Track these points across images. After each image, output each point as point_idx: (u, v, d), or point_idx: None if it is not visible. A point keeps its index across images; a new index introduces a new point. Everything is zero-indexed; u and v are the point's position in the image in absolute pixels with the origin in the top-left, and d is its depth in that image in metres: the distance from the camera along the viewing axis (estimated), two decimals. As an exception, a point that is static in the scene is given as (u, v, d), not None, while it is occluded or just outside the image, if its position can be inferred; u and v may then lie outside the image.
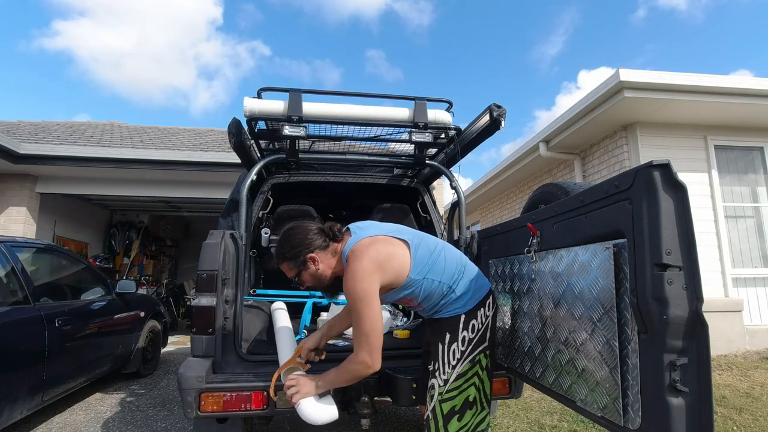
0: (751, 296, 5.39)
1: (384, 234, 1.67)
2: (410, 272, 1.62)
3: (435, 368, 1.63)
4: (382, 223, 1.79)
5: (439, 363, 1.62)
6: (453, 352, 1.61)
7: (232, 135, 2.49)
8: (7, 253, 3.16)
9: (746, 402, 3.47)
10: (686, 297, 0.96)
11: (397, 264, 1.60)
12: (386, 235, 1.66)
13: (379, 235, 1.66)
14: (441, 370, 1.62)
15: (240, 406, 1.87)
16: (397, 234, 1.68)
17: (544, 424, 3.18)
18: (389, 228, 1.72)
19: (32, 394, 2.96)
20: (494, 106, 2.39)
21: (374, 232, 1.67)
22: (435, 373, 1.63)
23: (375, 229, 1.70)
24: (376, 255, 1.55)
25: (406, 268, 1.61)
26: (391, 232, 1.68)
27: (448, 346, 1.62)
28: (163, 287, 9.43)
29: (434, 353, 1.65)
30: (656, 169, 1.00)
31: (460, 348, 1.62)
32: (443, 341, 1.63)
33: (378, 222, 1.82)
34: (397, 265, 1.60)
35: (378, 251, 1.57)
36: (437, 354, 1.63)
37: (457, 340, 1.62)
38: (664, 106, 5.09)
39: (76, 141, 7.32)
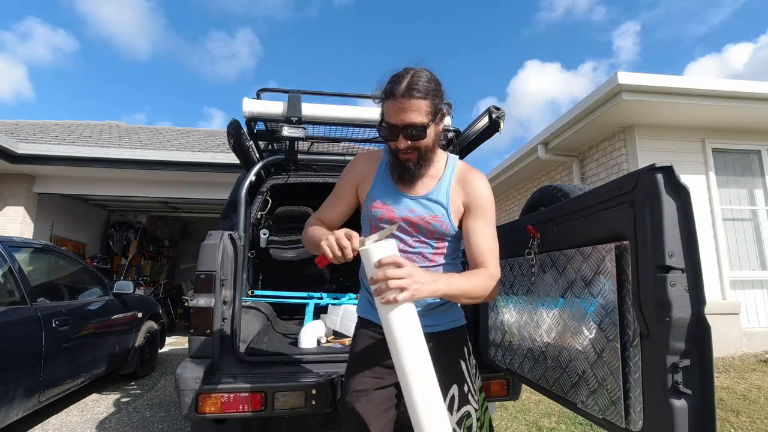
0: (749, 299, 5.40)
1: None
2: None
3: (465, 392, 1.33)
4: None
5: (468, 384, 1.35)
6: (473, 365, 1.40)
7: (231, 136, 2.48)
8: (5, 253, 3.14)
9: (744, 404, 3.48)
10: (689, 299, 0.96)
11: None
12: None
13: None
14: (473, 390, 1.36)
15: (238, 407, 1.86)
16: None
17: (543, 426, 3.17)
18: None
19: (28, 395, 2.95)
20: (493, 107, 2.39)
21: None
22: (467, 398, 1.33)
23: None
24: None
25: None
26: None
27: (469, 360, 1.39)
28: (160, 288, 9.40)
29: (455, 376, 1.33)
30: (659, 172, 1.00)
31: (473, 361, 1.42)
32: (463, 357, 1.37)
33: None
34: None
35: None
36: (462, 375, 1.34)
37: (471, 352, 1.42)
38: (663, 108, 5.10)
39: (74, 141, 7.31)
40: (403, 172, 1.32)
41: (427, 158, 1.30)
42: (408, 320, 1.05)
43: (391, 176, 1.36)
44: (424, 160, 1.29)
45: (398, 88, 1.19)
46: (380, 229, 1.31)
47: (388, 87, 1.22)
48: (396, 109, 1.20)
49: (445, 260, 1.36)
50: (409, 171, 1.30)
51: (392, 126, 1.23)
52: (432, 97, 1.21)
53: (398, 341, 1.05)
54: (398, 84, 1.19)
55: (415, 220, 1.33)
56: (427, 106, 1.21)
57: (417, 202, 1.34)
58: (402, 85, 1.18)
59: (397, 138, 1.24)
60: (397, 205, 1.36)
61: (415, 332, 1.06)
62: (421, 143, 1.25)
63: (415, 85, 1.18)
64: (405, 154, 1.26)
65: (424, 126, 1.21)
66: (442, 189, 1.34)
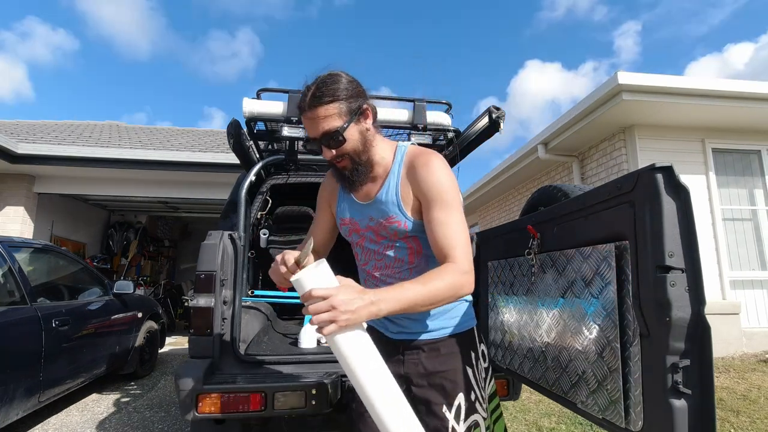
0: (749, 299, 5.40)
1: None
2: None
3: (472, 400, 1.25)
4: None
5: (476, 392, 1.26)
6: (481, 371, 1.31)
7: (231, 136, 2.48)
8: (5, 253, 3.14)
9: (743, 404, 3.48)
10: (689, 299, 0.96)
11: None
12: None
13: None
14: (481, 398, 1.28)
15: (238, 407, 1.86)
16: None
17: (542, 426, 3.17)
18: None
19: (28, 395, 2.95)
20: (493, 107, 2.40)
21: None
22: (475, 407, 1.25)
23: None
24: (445, 160, 1.24)
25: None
26: None
27: (477, 367, 1.29)
28: (160, 288, 9.41)
29: (461, 385, 1.24)
30: (659, 172, 1.00)
31: (484, 365, 1.33)
32: (470, 363, 1.27)
33: None
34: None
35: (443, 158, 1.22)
36: (469, 383, 1.25)
37: (479, 356, 1.32)
38: (663, 108, 5.10)
39: (74, 141, 7.31)
40: (344, 182, 1.27)
41: (364, 161, 1.22)
42: (354, 347, 0.99)
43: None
44: (360, 163, 1.21)
45: (305, 101, 1.16)
46: (363, 247, 1.31)
47: (298, 104, 1.19)
48: (309, 123, 1.17)
49: (430, 251, 1.21)
50: (348, 179, 1.24)
51: (313, 140, 1.19)
52: (343, 98, 1.15)
53: (352, 371, 0.99)
54: (304, 97, 1.16)
55: (376, 228, 1.27)
56: (337, 109, 1.14)
57: (371, 207, 1.28)
58: (307, 97, 1.15)
59: (322, 150, 1.20)
60: (358, 217, 1.31)
61: (365, 357, 0.99)
62: (347, 148, 1.18)
63: (319, 92, 1.14)
64: (338, 162, 1.21)
65: (340, 130, 1.15)
66: (391, 186, 1.25)
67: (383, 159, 1.26)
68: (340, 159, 1.20)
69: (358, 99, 1.18)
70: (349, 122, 1.16)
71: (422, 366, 1.25)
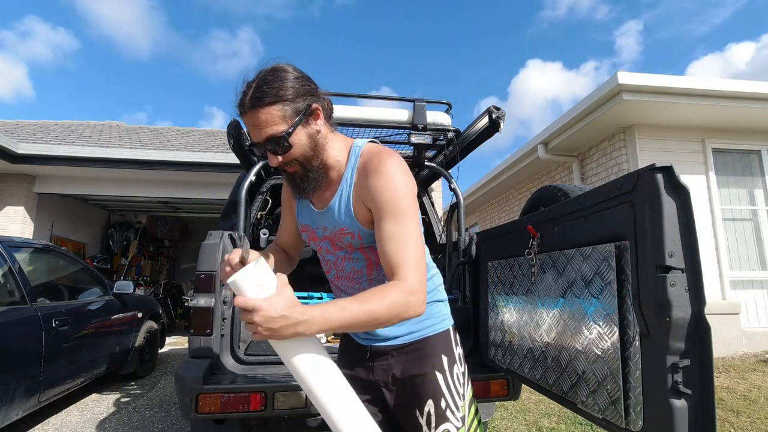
0: (749, 299, 5.40)
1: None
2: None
3: (443, 408, 1.15)
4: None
5: (446, 399, 1.15)
6: (457, 377, 1.19)
7: (231, 136, 2.49)
8: (5, 253, 3.14)
9: (744, 404, 3.48)
10: (689, 299, 0.96)
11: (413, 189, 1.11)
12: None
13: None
14: (453, 406, 1.16)
15: (238, 407, 1.86)
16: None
17: (542, 426, 3.17)
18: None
19: (28, 394, 2.95)
20: (493, 107, 2.40)
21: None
22: (446, 415, 1.15)
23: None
24: (403, 162, 1.10)
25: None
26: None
27: (450, 372, 1.18)
28: (160, 288, 9.41)
29: (429, 390, 1.15)
30: (659, 172, 1.00)
31: (461, 369, 1.22)
32: (441, 368, 1.17)
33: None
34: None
35: (401, 159, 1.10)
36: (438, 389, 1.15)
37: (455, 360, 1.21)
38: (663, 109, 5.10)
39: (74, 141, 7.31)
40: (294, 189, 1.14)
41: (316, 166, 1.09)
42: (294, 353, 0.94)
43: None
44: (311, 169, 1.09)
45: (244, 102, 1.02)
46: (323, 256, 1.23)
47: (237, 103, 1.06)
48: (249, 127, 1.04)
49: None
50: (298, 186, 1.12)
51: (257, 144, 1.06)
52: (289, 98, 1.01)
53: (300, 377, 0.95)
54: (244, 96, 1.03)
55: (331, 238, 1.17)
56: (281, 111, 1.00)
57: (324, 217, 1.17)
58: (246, 98, 1.02)
59: (267, 155, 1.07)
60: (314, 225, 1.22)
61: (306, 363, 0.95)
62: (294, 154, 1.05)
63: (259, 92, 1.00)
64: (287, 168, 1.09)
65: (285, 135, 1.01)
66: (343, 194, 1.12)
67: (338, 162, 1.13)
68: (288, 165, 1.08)
69: (306, 98, 1.04)
70: (295, 125, 1.02)
71: (392, 372, 1.18)
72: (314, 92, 1.07)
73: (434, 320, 1.20)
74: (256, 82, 1.02)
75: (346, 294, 1.21)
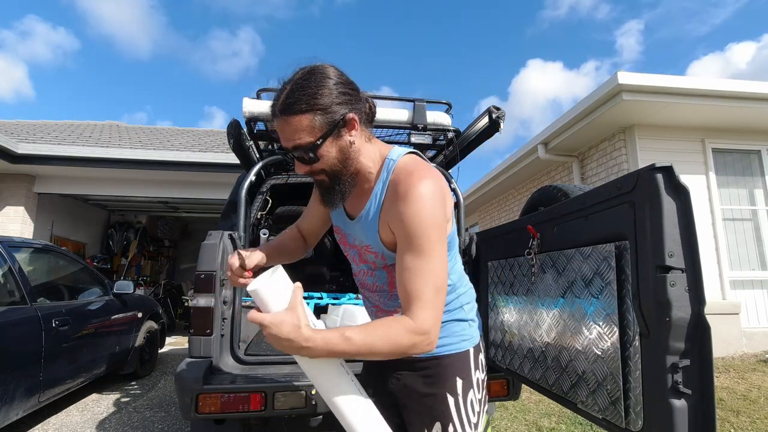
0: (749, 299, 5.40)
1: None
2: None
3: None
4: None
5: (455, 425, 1.07)
6: (471, 404, 1.11)
7: (231, 136, 2.48)
8: (5, 253, 3.14)
9: (744, 404, 3.48)
10: (689, 299, 0.96)
11: (449, 210, 1.06)
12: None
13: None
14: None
15: (238, 407, 1.86)
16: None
17: (542, 426, 3.17)
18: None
19: (28, 394, 2.95)
20: (493, 107, 2.40)
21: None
22: None
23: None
24: (441, 181, 1.02)
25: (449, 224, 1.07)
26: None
27: (464, 397, 1.09)
28: (160, 288, 9.41)
29: (438, 412, 1.08)
30: (659, 172, 1.00)
31: (477, 396, 1.12)
32: (454, 391, 1.09)
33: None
34: (449, 213, 1.06)
35: (440, 177, 1.02)
36: (446, 412, 1.08)
37: (472, 386, 1.12)
38: (663, 109, 5.10)
39: (74, 141, 7.32)
40: (321, 196, 1.09)
41: (344, 179, 1.03)
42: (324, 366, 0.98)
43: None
44: (338, 182, 1.03)
45: (275, 105, 0.98)
46: (351, 261, 1.22)
47: (271, 103, 1.01)
48: (279, 130, 0.99)
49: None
50: (324, 196, 1.08)
51: (285, 149, 1.01)
52: (321, 108, 0.94)
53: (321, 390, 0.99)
54: (276, 100, 0.98)
55: (359, 249, 1.15)
56: (311, 121, 0.94)
57: (354, 227, 1.13)
58: (278, 101, 0.97)
59: (294, 162, 1.03)
60: (347, 230, 1.18)
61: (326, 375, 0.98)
62: (321, 165, 1.00)
63: (291, 98, 0.95)
64: (316, 176, 1.04)
65: (311, 148, 0.96)
66: (371, 211, 1.06)
67: (370, 174, 1.07)
68: (315, 174, 1.04)
69: (342, 107, 0.97)
70: (324, 137, 0.96)
71: (406, 386, 1.12)
72: (352, 100, 0.99)
73: (452, 339, 1.11)
74: (291, 85, 0.97)
75: (368, 301, 1.23)
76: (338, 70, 1.01)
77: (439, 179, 1.00)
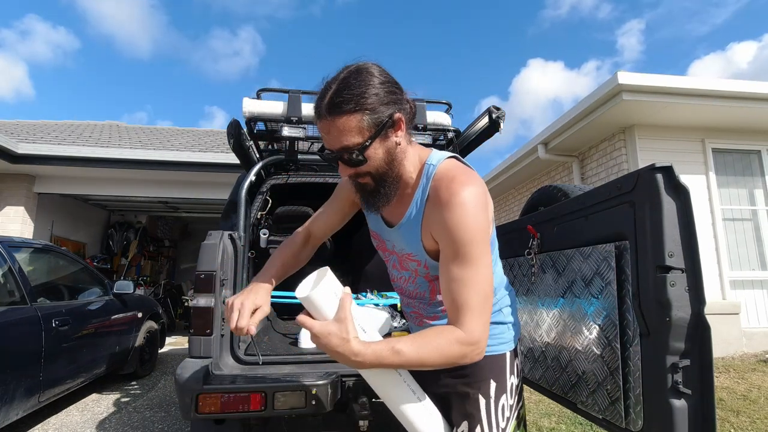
0: (749, 299, 5.39)
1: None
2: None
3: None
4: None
5: (482, 427, 1.06)
6: (502, 409, 1.09)
7: (231, 136, 2.48)
8: (5, 253, 3.14)
9: (744, 404, 3.47)
10: (689, 299, 0.96)
11: (491, 214, 1.05)
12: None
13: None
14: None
15: (238, 407, 1.86)
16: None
17: (542, 426, 3.17)
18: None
19: (28, 394, 2.95)
20: (493, 107, 2.40)
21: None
22: None
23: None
24: (483, 186, 1.00)
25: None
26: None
27: (495, 400, 1.08)
28: (160, 288, 9.40)
29: (468, 412, 1.08)
30: (659, 172, 1.00)
31: (509, 402, 1.10)
32: (487, 393, 1.08)
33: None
34: (491, 217, 1.05)
35: (481, 182, 1.01)
36: (476, 413, 1.07)
37: (505, 390, 1.10)
38: (663, 109, 5.10)
39: (74, 141, 7.31)
40: (363, 201, 1.06)
41: (389, 181, 1.01)
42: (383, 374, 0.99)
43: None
44: (383, 184, 1.01)
45: (321, 105, 0.94)
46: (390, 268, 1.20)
47: (315, 103, 0.97)
48: (323, 132, 0.96)
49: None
50: (367, 200, 1.04)
51: (328, 150, 0.98)
52: (369, 107, 0.91)
53: (383, 394, 1.01)
54: (321, 98, 0.94)
55: (399, 256, 1.13)
56: (359, 121, 0.91)
57: (393, 234, 1.11)
58: (324, 100, 0.93)
59: (338, 165, 0.99)
60: (384, 237, 1.16)
61: (390, 384, 1.00)
62: (368, 167, 0.97)
63: (339, 97, 0.91)
64: (360, 179, 1.01)
65: (360, 149, 0.93)
66: (411, 217, 1.04)
67: (410, 179, 1.05)
68: (360, 177, 1.00)
69: (389, 107, 0.94)
70: (372, 138, 0.94)
71: (439, 383, 1.12)
72: (398, 100, 0.97)
73: (490, 342, 1.07)
74: (337, 84, 0.93)
75: (409, 307, 1.21)
76: (383, 68, 0.98)
77: (480, 185, 0.99)
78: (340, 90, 0.91)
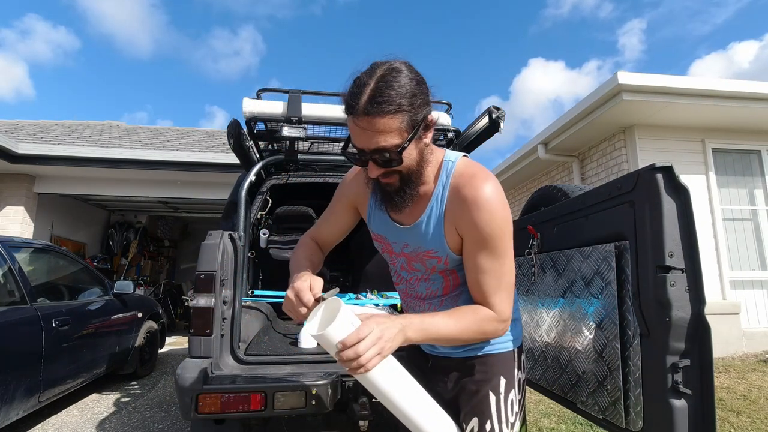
0: (749, 299, 5.40)
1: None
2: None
3: (486, 430, 1.09)
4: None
5: (492, 422, 1.08)
6: (511, 404, 1.11)
7: (231, 136, 2.48)
8: (5, 253, 3.14)
9: (744, 404, 3.47)
10: (689, 299, 0.96)
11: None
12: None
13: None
14: (498, 431, 1.10)
15: (238, 407, 1.86)
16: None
17: (542, 426, 3.17)
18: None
19: (28, 394, 2.95)
20: (493, 107, 2.40)
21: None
22: None
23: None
24: (498, 181, 1.03)
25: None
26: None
27: (505, 396, 1.10)
28: (160, 288, 9.40)
29: (478, 409, 1.09)
30: (659, 172, 1.00)
31: (517, 397, 1.13)
32: (497, 390, 1.10)
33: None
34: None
35: (495, 177, 1.04)
36: (487, 409, 1.09)
37: (514, 386, 1.12)
38: (663, 109, 5.10)
39: (74, 141, 7.31)
40: (385, 200, 1.05)
41: (415, 180, 1.00)
42: (392, 374, 0.97)
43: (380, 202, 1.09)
44: (410, 183, 1.00)
45: (358, 102, 0.89)
46: (395, 270, 1.19)
47: (347, 99, 0.92)
48: (358, 131, 0.92)
49: (467, 286, 1.09)
50: (391, 200, 1.03)
51: (360, 150, 0.95)
52: (408, 108, 0.89)
53: (391, 402, 0.97)
54: (358, 96, 0.89)
55: (411, 256, 1.12)
56: (400, 122, 0.89)
57: (409, 234, 1.10)
58: (362, 98, 0.88)
59: (368, 164, 0.97)
60: (392, 239, 1.15)
61: (403, 383, 0.99)
62: (401, 167, 0.96)
63: (380, 96, 0.87)
64: (384, 178, 0.99)
65: (398, 149, 0.91)
66: (433, 215, 1.05)
67: (429, 177, 1.05)
68: (389, 175, 0.98)
69: (424, 108, 0.93)
70: (410, 140, 0.92)
71: (447, 383, 1.14)
72: (429, 101, 0.96)
73: (499, 338, 1.11)
74: (375, 82, 0.89)
75: (413, 311, 1.19)
76: (411, 66, 0.96)
77: (496, 180, 1.03)
78: (380, 89, 0.88)
